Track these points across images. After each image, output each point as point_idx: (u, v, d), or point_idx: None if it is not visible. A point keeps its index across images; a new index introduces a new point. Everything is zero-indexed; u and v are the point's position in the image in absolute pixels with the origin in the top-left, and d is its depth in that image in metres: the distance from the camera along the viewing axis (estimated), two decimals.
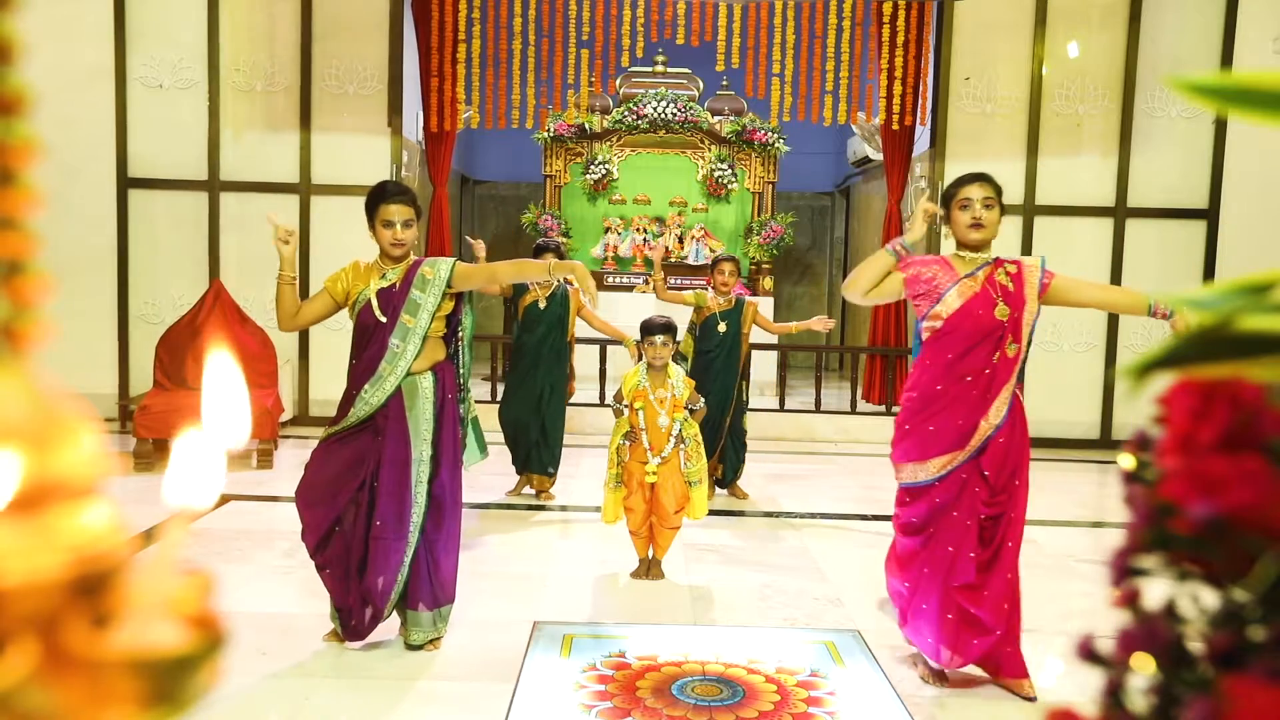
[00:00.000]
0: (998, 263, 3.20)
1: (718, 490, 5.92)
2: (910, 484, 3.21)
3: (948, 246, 3.49)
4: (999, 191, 3.18)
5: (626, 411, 4.33)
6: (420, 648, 3.42)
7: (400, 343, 3.33)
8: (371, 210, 3.39)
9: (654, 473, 4.25)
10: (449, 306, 3.44)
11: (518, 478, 5.86)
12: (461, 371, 3.55)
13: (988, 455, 3.11)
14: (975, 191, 3.14)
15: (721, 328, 5.72)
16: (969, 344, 3.12)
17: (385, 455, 3.32)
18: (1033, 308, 3.16)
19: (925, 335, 3.21)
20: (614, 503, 4.34)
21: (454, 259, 3.47)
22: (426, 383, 3.38)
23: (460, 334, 3.54)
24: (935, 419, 3.15)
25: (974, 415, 3.11)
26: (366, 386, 3.33)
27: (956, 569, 3.13)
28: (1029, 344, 3.19)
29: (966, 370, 3.12)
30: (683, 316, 5.59)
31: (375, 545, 3.31)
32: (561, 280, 5.68)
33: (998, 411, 3.10)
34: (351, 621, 3.37)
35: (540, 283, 5.61)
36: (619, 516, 4.35)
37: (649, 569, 4.38)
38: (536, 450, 5.69)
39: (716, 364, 5.71)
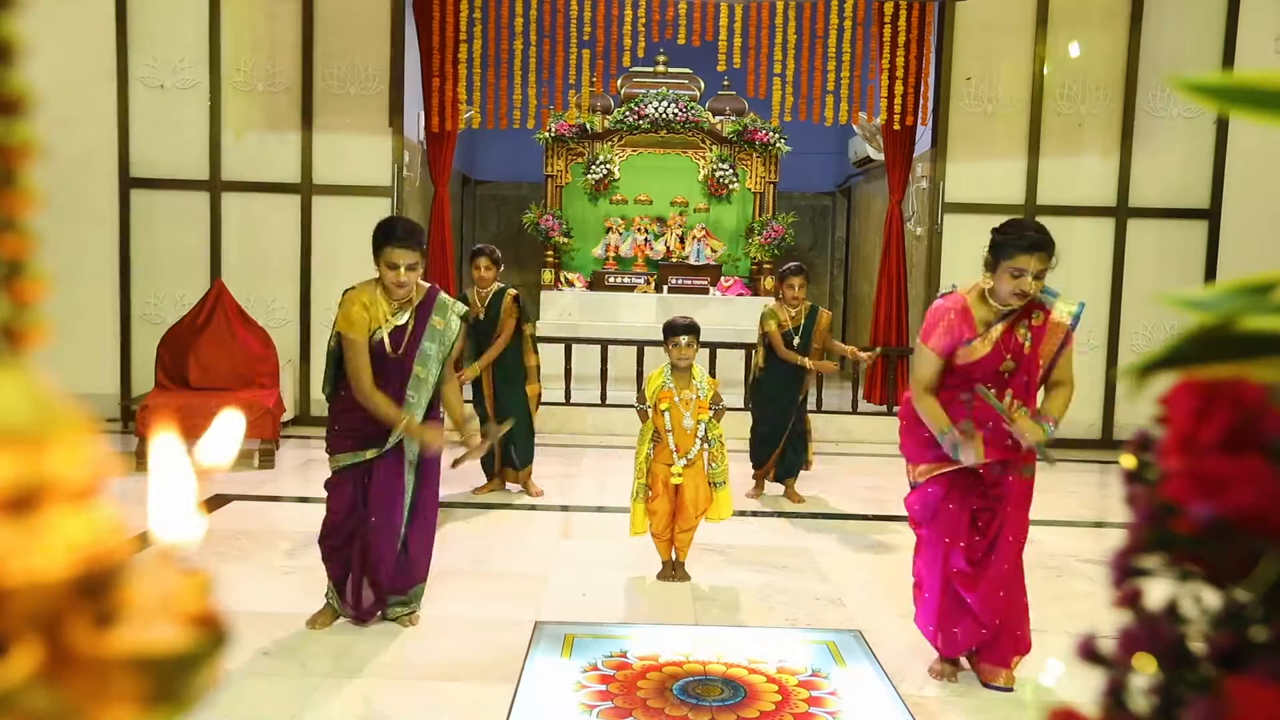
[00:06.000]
0: (1026, 310, 3.12)
1: (769, 486, 6.01)
2: (913, 482, 3.34)
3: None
4: (1053, 259, 3.05)
5: (651, 413, 4.27)
6: (397, 620, 3.68)
7: (415, 394, 3.50)
8: (378, 248, 3.44)
9: (680, 474, 4.20)
10: None
11: (488, 480, 5.84)
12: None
13: None
14: (1033, 265, 3.00)
15: (795, 342, 5.73)
16: (969, 385, 3.16)
17: (381, 468, 3.55)
18: (1044, 365, 3.15)
19: None
20: (642, 515, 4.27)
21: (463, 315, 3.61)
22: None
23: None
24: (926, 429, 3.22)
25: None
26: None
27: (951, 558, 3.24)
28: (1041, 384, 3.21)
29: (962, 399, 3.20)
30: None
31: (375, 539, 3.58)
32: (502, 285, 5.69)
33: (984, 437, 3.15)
34: (357, 603, 3.62)
35: (478, 295, 5.63)
36: (647, 529, 4.29)
37: (675, 571, 4.32)
38: (505, 449, 5.70)
39: (786, 377, 5.74)
